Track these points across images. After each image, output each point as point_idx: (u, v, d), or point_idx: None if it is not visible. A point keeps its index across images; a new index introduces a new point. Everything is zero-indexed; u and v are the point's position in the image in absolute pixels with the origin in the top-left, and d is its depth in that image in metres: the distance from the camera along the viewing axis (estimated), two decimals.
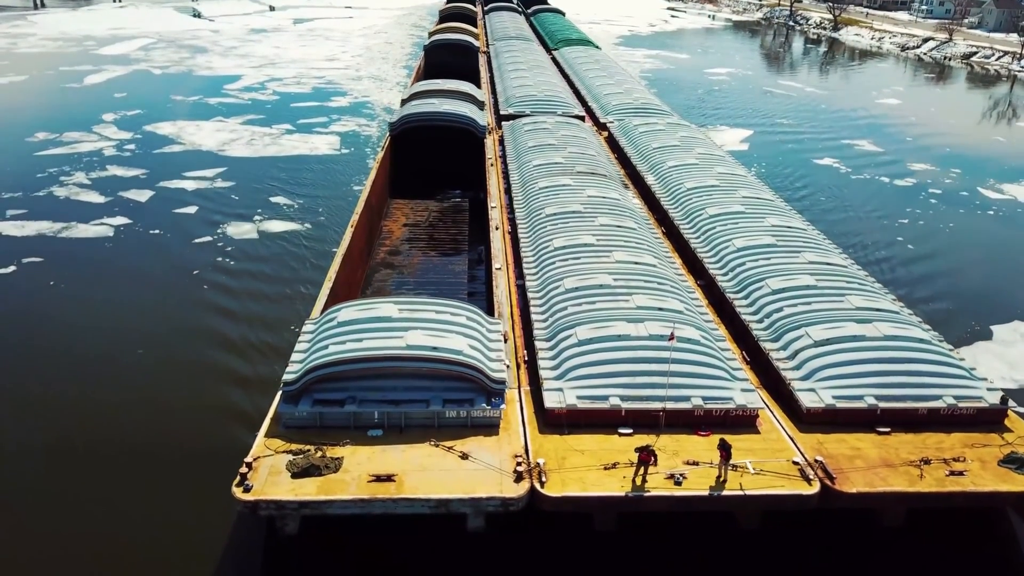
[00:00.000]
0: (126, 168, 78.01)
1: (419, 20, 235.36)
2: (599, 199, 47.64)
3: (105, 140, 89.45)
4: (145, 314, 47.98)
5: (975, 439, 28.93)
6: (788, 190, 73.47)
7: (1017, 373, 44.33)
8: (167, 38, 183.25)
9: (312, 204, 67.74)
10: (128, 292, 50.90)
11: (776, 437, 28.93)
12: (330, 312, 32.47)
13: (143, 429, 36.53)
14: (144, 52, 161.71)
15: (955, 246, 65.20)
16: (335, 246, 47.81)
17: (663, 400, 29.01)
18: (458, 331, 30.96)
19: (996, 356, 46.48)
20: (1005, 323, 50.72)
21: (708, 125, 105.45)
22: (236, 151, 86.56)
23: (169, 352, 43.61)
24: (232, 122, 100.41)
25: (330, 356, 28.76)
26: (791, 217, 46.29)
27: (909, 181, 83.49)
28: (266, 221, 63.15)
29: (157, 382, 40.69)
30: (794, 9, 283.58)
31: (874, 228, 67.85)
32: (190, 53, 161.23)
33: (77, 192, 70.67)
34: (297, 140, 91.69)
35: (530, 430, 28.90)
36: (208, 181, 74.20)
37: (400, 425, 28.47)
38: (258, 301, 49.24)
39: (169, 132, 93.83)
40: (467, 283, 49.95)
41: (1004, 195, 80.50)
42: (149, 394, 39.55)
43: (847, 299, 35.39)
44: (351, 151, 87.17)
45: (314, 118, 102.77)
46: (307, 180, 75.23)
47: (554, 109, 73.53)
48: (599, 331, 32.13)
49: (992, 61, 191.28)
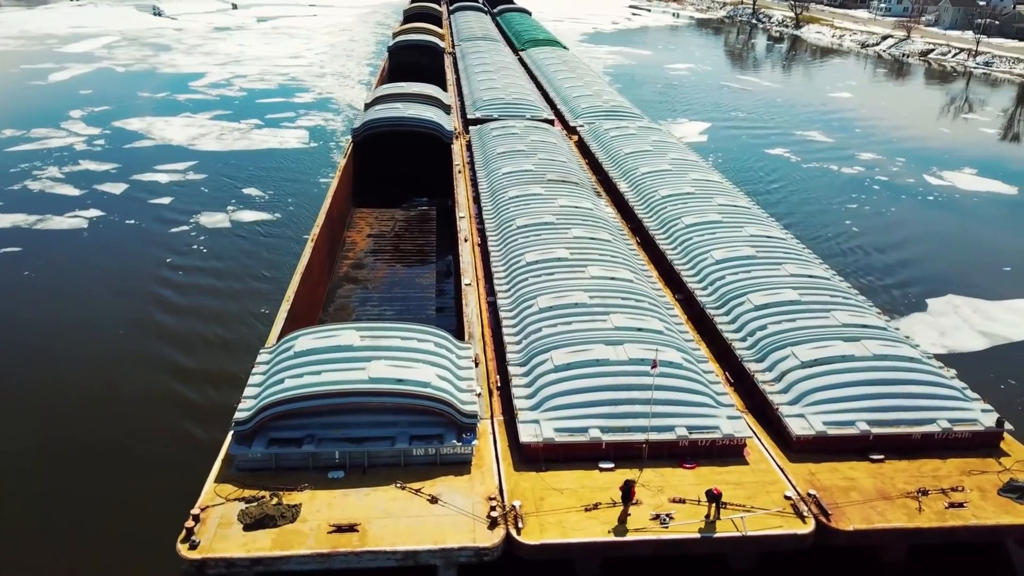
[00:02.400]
0: (98, 162, 79.59)
1: (383, 18, 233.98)
2: (572, 209, 45.76)
3: (75, 136, 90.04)
4: (118, 302, 49.30)
5: (972, 465, 27.53)
6: (743, 179, 76.45)
7: (947, 339, 49.40)
8: (130, 36, 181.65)
9: (284, 194, 70.66)
10: (100, 283, 52.12)
11: (766, 468, 27.24)
12: (286, 340, 30.10)
13: (91, 452, 34.50)
14: (107, 50, 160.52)
15: (896, 228, 69.92)
16: (306, 232, 48.82)
17: (646, 431, 27.15)
18: (425, 360, 28.81)
19: (929, 326, 51.20)
20: (940, 296, 55.42)
21: (668, 118, 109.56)
22: (207, 145, 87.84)
23: (128, 347, 43.91)
24: (200, 117, 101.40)
25: (285, 392, 26.43)
26: (769, 226, 44.81)
27: (857, 169, 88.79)
28: (239, 211, 65.73)
29: (115, 385, 40.15)
30: (757, 7, 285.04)
31: (822, 212, 72.71)
32: (154, 51, 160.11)
33: (52, 185, 72.36)
34: (266, 134, 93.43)
35: (504, 466, 26.86)
36: (180, 174, 76.33)
37: (363, 465, 26.26)
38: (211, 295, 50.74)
39: (138, 128, 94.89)
40: (435, 298, 47.74)
41: (944, 182, 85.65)
42: (102, 403, 38.65)
43: (832, 315, 33.90)
44: (319, 144, 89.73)
45: (281, 113, 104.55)
46: (278, 172, 78.07)
47: (523, 112, 71.55)
48: (576, 355, 30.21)
49: (948, 58, 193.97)
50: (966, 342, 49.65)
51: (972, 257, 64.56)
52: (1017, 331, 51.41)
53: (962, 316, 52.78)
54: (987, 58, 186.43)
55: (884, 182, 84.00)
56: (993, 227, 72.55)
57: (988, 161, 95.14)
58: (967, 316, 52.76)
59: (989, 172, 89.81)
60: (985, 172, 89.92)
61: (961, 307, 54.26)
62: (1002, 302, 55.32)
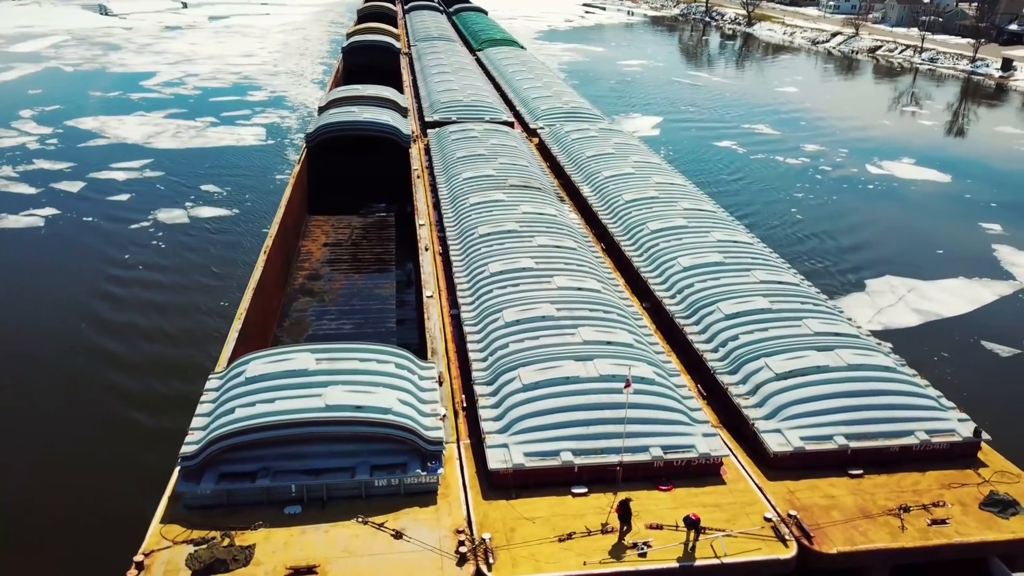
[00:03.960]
0: (52, 161, 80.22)
1: (337, 17, 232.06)
2: (535, 216, 44.47)
3: (26, 135, 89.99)
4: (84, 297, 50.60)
5: (952, 477, 26.92)
6: (693, 170, 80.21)
7: (883, 317, 54.54)
8: (79, 36, 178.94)
9: (242, 189, 72.72)
10: (57, 280, 52.93)
11: (743, 487, 26.26)
12: (237, 365, 28.24)
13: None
14: (56, 50, 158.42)
15: (838, 214, 75.03)
16: (267, 226, 50.19)
17: (619, 452, 25.98)
18: (386, 382, 27.23)
19: (867, 304, 56.11)
20: (878, 277, 60.54)
21: (622, 113, 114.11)
22: (163, 143, 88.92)
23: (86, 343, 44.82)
24: (155, 116, 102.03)
25: (236, 424, 24.63)
26: (736, 231, 44.05)
27: (801, 160, 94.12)
28: (197, 207, 68.01)
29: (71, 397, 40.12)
30: (710, 5, 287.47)
31: (768, 200, 77.53)
32: (103, 50, 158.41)
33: (6, 184, 72.59)
34: (223, 132, 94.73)
35: (472, 495, 25.44)
36: (137, 172, 77.36)
37: (322, 498, 24.61)
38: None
39: (92, 127, 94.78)
40: (396, 309, 46.11)
41: (883, 171, 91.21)
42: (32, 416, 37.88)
43: (804, 323, 33.15)
44: (276, 141, 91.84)
45: (236, 111, 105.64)
46: (236, 168, 79.97)
47: (482, 115, 70.06)
48: (545, 373, 28.91)
49: (895, 55, 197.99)
50: (901, 319, 54.20)
51: (909, 241, 69.06)
52: (947, 308, 56.29)
53: (897, 295, 57.64)
54: (932, 54, 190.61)
55: (827, 171, 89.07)
56: (928, 213, 78.17)
57: (926, 152, 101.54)
58: (902, 295, 57.66)
59: (926, 162, 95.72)
60: (923, 162, 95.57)
61: (897, 287, 58.90)
62: (935, 282, 60.23)
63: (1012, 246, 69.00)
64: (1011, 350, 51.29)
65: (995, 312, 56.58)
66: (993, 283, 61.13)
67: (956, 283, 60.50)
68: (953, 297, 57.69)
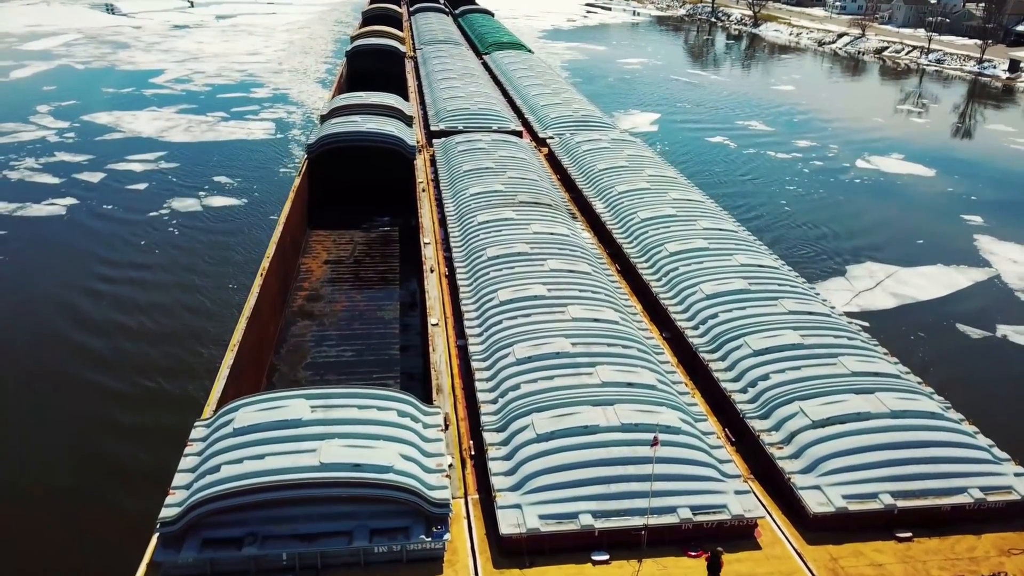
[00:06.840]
0: (72, 153, 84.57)
1: (342, 16, 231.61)
2: (547, 236, 42.02)
3: (45, 129, 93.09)
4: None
5: (1011, 542, 24.42)
6: (687, 165, 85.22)
7: (860, 300, 57.82)
8: (89, 34, 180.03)
9: (252, 181, 77.66)
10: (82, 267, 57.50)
11: (781, 553, 23.82)
12: (225, 412, 25.86)
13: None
14: (67, 48, 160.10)
15: (825, 206, 79.05)
16: (275, 213, 55.63)
17: (644, 513, 23.57)
18: (387, 434, 24.83)
19: (846, 290, 59.26)
20: (859, 264, 64.01)
21: (620, 109, 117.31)
22: (176, 137, 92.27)
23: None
24: (167, 111, 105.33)
25: (221, 485, 22.25)
26: (761, 254, 41.51)
27: (793, 155, 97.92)
28: (210, 196, 72.94)
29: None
30: (716, 5, 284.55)
31: (758, 192, 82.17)
32: (112, 49, 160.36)
33: (31, 175, 76.87)
34: (233, 126, 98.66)
35: (482, 561, 23.08)
36: (153, 163, 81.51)
37: (316, 567, 22.27)
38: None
39: (107, 121, 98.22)
40: (399, 335, 43.71)
41: (872, 166, 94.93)
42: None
43: (840, 361, 30.64)
44: (285, 135, 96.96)
45: (245, 107, 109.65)
46: (250, 160, 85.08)
47: (489, 124, 67.62)
48: (561, 421, 26.47)
49: (902, 56, 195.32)
50: (879, 302, 57.53)
51: (891, 230, 72.65)
52: (924, 292, 59.62)
53: (876, 279, 60.95)
54: (939, 55, 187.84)
55: (817, 166, 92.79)
56: (911, 204, 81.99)
57: (925, 151, 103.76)
58: (881, 280, 60.97)
59: (914, 157, 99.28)
60: (911, 158, 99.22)
61: (877, 272, 62.04)
62: (914, 268, 63.29)
63: (991, 236, 72.36)
64: (982, 332, 54.51)
65: (969, 296, 60.08)
66: (969, 270, 64.55)
67: (934, 269, 63.83)
68: (930, 283, 61.03)
